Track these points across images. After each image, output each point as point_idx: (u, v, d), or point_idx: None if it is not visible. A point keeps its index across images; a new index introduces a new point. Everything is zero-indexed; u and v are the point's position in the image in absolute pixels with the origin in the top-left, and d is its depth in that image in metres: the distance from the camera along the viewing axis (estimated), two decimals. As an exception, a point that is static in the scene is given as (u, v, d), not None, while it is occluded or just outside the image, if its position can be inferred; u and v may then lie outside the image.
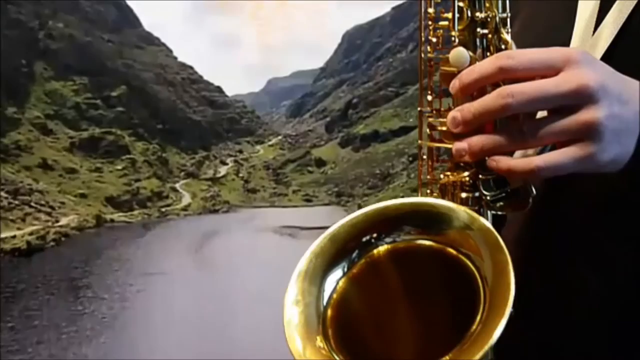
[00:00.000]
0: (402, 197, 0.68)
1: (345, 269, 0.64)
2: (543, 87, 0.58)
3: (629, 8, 0.69)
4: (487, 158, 0.61)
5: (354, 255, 0.64)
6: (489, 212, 0.64)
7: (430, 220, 0.62)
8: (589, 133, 0.58)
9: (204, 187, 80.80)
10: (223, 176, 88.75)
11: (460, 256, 0.60)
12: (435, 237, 0.62)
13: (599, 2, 0.73)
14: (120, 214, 61.37)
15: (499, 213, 0.64)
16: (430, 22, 0.67)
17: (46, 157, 65.75)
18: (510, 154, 0.62)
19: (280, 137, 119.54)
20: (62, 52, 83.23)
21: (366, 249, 0.64)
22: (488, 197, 0.63)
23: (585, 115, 0.58)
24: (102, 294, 28.89)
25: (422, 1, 0.67)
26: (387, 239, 0.64)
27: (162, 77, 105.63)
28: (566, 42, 0.74)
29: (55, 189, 60.69)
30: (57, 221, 50.21)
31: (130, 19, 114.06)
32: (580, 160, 0.58)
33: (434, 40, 0.67)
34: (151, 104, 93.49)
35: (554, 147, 0.61)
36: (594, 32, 0.72)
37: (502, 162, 0.60)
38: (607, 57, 0.69)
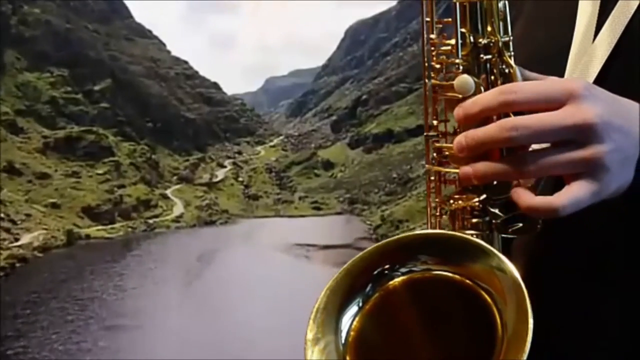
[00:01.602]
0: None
1: (361, 304, 0.64)
2: (547, 122, 0.60)
3: (628, 15, 0.71)
4: (510, 189, 0.62)
5: (368, 288, 0.64)
6: (499, 236, 0.65)
7: (450, 251, 0.62)
8: (595, 167, 0.60)
9: (199, 193, 71.15)
10: (220, 181, 79.18)
11: (482, 291, 0.59)
12: (454, 269, 0.61)
13: (598, 5, 0.74)
14: (99, 227, 51.63)
15: (510, 237, 0.65)
16: (433, 48, 0.68)
17: (14, 160, 56.04)
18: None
19: (281, 138, 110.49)
20: (38, 40, 73.49)
21: (380, 282, 0.64)
22: (498, 221, 0.64)
23: (590, 151, 0.59)
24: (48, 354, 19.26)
25: (424, 26, 0.69)
26: (403, 270, 0.64)
27: (153, 71, 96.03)
28: (567, 48, 0.75)
29: (22, 198, 50.99)
30: (16, 239, 40.36)
31: (119, 9, 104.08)
32: (595, 194, 0.60)
33: (437, 66, 0.68)
34: (140, 99, 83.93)
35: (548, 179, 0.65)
36: (594, 38, 0.72)
37: (522, 199, 0.61)
38: (607, 67, 0.70)
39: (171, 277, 33.22)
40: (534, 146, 0.62)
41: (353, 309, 0.63)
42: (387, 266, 0.63)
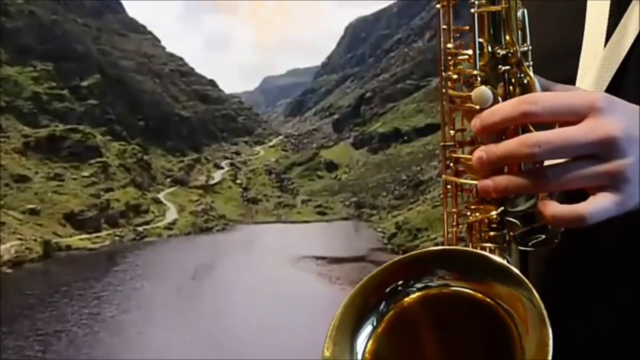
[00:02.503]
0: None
1: (375, 323, 0.62)
2: (570, 137, 0.59)
3: None
4: (528, 201, 0.62)
5: (382, 306, 0.62)
6: (517, 248, 0.64)
7: (470, 267, 0.60)
8: (618, 180, 0.60)
9: (194, 197, 65.92)
10: (217, 183, 73.99)
11: (503, 312, 0.58)
12: (475, 286, 0.60)
13: (608, 5, 0.73)
14: (82, 236, 46.34)
15: (528, 249, 0.64)
16: (450, 58, 0.68)
17: (-11, 160, 50.77)
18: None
19: (281, 137, 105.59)
20: (21, 31, 68.16)
21: (395, 298, 0.62)
22: (517, 234, 0.63)
23: (613, 165, 0.59)
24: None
25: (441, 35, 0.68)
26: (418, 285, 0.62)
27: (146, 67, 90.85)
28: (576, 49, 0.74)
29: (-4, 204, 45.61)
30: (-16, 252, 35.16)
31: (112, 4, 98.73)
32: (620, 204, 0.60)
33: (455, 76, 0.67)
34: (131, 96, 78.80)
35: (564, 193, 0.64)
36: (605, 40, 0.72)
37: (548, 208, 0.60)
38: (621, 71, 0.70)
39: (160, 299, 28.05)
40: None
41: (368, 329, 0.62)
42: (400, 282, 0.62)
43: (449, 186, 0.67)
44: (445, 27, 0.68)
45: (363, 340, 0.62)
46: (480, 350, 0.62)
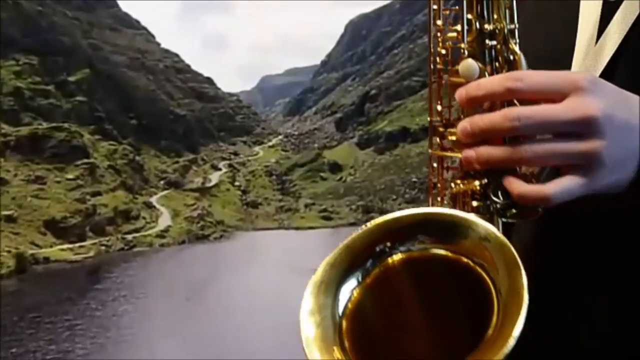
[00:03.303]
0: None
1: (360, 279, 0.65)
2: (550, 114, 0.61)
3: (633, 15, 0.71)
4: (502, 176, 0.65)
5: (369, 264, 0.66)
6: (499, 220, 0.66)
7: (445, 230, 0.64)
8: (592, 160, 0.61)
9: (189, 200, 61.16)
10: (215, 185, 69.22)
11: (475, 266, 0.61)
12: (449, 247, 0.64)
13: (601, 5, 0.74)
14: (64, 246, 41.54)
15: (510, 221, 0.66)
16: (439, 34, 0.69)
17: (-37, 162, 46.02)
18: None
19: (281, 137, 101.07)
20: (3, 23, 63.25)
21: (380, 258, 0.66)
22: (498, 206, 0.65)
23: (590, 144, 0.61)
24: None
25: (431, 13, 0.70)
26: (402, 248, 0.65)
27: (139, 63, 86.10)
28: (570, 48, 0.75)
29: (-32, 210, 40.88)
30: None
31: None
32: (585, 186, 0.62)
33: (443, 52, 0.69)
34: (123, 93, 74.10)
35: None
36: (597, 39, 0.73)
37: (513, 186, 0.63)
38: (612, 66, 0.71)
39: (145, 328, 23.32)
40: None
41: (352, 283, 0.65)
42: (387, 244, 0.65)
43: (435, 164, 0.70)
44: (435, 6, 0.70)
45: (347, 292, 0.65)
46: (457, 306, 0.66)
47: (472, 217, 0.63)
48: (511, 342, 0.54)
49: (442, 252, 0.64)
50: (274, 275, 33.93)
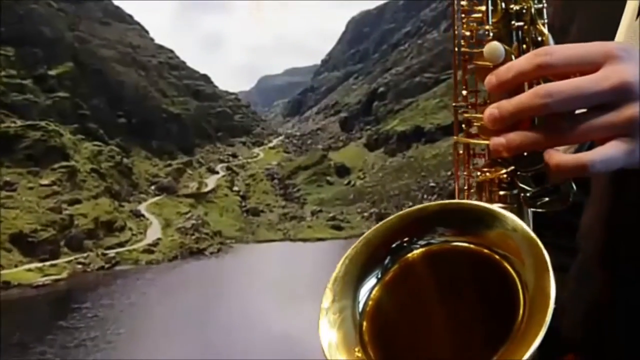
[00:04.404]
0: None
1: (379, 275, 0.64)
2: (582, 86, 0.59)
3: None
4: (540, 161, 0.62)
5: (387, 260, 0.64)
6: (528, 210, 0.64)
7: (466, 221, 0.62)
8: (632, 128, 0.59)
9: (183, 208, 54.74)
10: (211, 191, 62.66)
11: (499, 258, 0.60)
12: (471, 239, 0.62)
13: (638, 5, 0.73)
14: (33, 265, 34.99)
15: (539, 211, 0.64)
16: (463, 15, 0.67)
17: None
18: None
19: (282, 137, 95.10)
20: (-25, 10, 56.86)
21: (399, 254, 0.64)
22: (527, 195, 0.63)
23: (627, 111, 0.59)
24: None
25: None
26: (421, 242, 0.64)
27: (130, 57, 79.66)
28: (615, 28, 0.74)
29: None
30: None
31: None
32: (630, 154, 0.59)
33: (467, 33, 0.67)
34: (111, 89, 67.66)
35: (590, 145, 0.62)
36: (638, 15, 0.72)
37: (553, 158, 0.60)
38: None
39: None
40: None
41: (372, 280, 0.64)
42: (405, 239, 0.64)
43: (460, 151, 0.67)
44: None
45: (367, 289, 0.63)
46: (481, 300, 0.64)
47: (495, 207, 0.61)
48: (538, 340, 0.52)
49: (463, 244, 0.62)
50: (279, 299, 27.66)
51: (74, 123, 56.70)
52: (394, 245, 0.64)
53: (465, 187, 0.67)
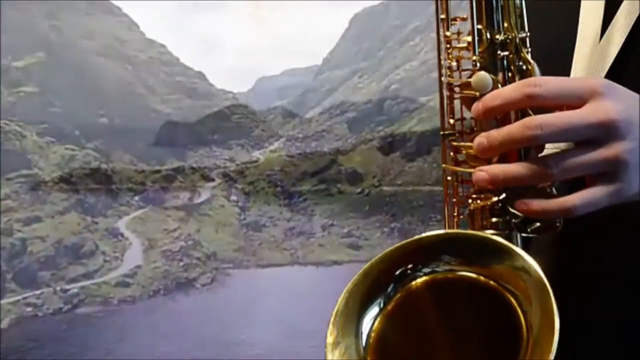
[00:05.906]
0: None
1: (382, 305, 0.65)
2: (571, 120, 0.60)
3: (636, 12, 0.71)
4: (519, 190, 0.63)
5: (390, 289, 0.65)
6: (518, 235, 0.66)
7: (473, 251, 0.63)
8: (616, 167, 0.60)
9: (171, 224, 44.80)
10: (205, 201, 53.56)
11: (507, 293, 0.60)
12: (478, 269, 0.62)
13: (603, 4, 0.75)
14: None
15: (530, 236, 0.66)
16: (448, 46, 0.70)
17: None
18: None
19: (283, 140, 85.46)
20: None
21: (402, 282, 0.65)
22: (517, 221, 0.64)
23: (612, 150, 0.60)
24: None
25: (439, 24, 0.70)
26: (425, 270, 0.64)
27: (114, 50, 69.87)
28: (569, 48, 0.76)
29: None
30: None
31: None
32: (613, 194, 0.61)
33: (453, 64, 0.69)
34: (91, 85, 58.23)
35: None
36: (600, 37, 0.73)
37: (533, 205, 0.62)
38: (618, 64, 0.72)
39: None
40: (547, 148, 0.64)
41: (374, 311, 0.64)
42: (409, 266, 0.64)
43: (449, 177, 0.70)
44: (443, 16, 0.70)
45: (369, 321, 0.64)
46: (486, 332, 0.64)
47: (506, 242, 0.62)
48: None
49: (469, 274, 0.63)
50: (287, 342, 18.80)
51: (41, 123, 48.01)
52: (397, 273, 0.65)
53: (455, 214, 0.70)
